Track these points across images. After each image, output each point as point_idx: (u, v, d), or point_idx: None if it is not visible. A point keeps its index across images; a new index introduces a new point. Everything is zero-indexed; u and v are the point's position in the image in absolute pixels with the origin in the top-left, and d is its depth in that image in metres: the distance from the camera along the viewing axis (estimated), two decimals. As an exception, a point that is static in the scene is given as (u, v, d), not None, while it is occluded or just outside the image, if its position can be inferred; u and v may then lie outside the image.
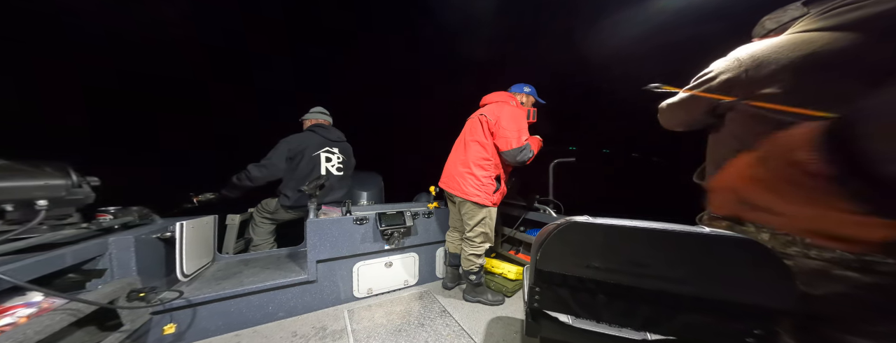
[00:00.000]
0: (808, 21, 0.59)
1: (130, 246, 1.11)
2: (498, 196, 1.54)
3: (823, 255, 0.53)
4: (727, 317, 0.52)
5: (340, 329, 1.36)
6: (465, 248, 1.58)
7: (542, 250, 0.59)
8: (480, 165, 1.49)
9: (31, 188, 0.86)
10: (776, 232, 0.58)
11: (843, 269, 0.51)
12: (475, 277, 1.58)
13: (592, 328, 0.63)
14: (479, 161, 1.51)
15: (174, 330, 1.20)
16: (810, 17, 0.59)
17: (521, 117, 1.48)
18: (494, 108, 1.50)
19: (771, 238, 0.59)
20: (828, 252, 0.52)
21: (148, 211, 1.35)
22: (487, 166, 1.50)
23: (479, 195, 1.48)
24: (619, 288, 0.56)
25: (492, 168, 1.51)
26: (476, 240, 1.54)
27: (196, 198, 1.84)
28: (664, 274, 0.53)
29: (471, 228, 1.53)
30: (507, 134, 1.42)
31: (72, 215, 1.03)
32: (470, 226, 1.53)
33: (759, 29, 0.72)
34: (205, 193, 1.86)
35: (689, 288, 0.52)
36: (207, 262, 1.60)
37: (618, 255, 0.56)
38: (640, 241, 0.55)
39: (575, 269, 0.58)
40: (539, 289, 0.63)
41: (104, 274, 1.07)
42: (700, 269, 0.52)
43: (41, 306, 0.80)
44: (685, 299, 0.53)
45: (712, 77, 0.66)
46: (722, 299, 0.51)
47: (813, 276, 0.55)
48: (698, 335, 0.54)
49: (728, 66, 0.63)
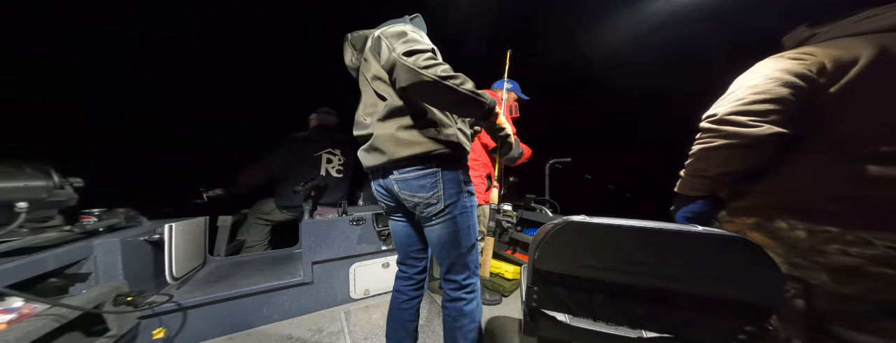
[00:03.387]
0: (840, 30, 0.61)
1: (116, 249, 1.08)
2: (490, 194, 1.54)
3: (865, 253, 0.54)
4: (720, 314, 0.52)
5: (337, 331, 1.35)
6: None
7: (540, 250, 0.59)
8: (470, 166, 1.51)
9: (10, 190, 0.82)
10: (815, 229, 0.59)
11: (881, 266, 0.53)
12: None
13: (589, 327, 0.63)
14: (469, 161, 1.51)
15: (164, 335, 1.17)
16: (840, 27, 0.61)
17: (503, 113, 1.50)
18: None
19: (808, 236, 0.60)
20: (871, 249, 0.53)
21: (135, 213, 1.31)
22: (476, 166, 1.51)
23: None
24: (616, 287, 0.56)
25: (480, 167, 1.52)
26: None
27: (206, 193, 1.82)
28: (660, 272, 0.54)
29: None
30: None
31: (54, 217, 0.99)
32: None
33: (783, 48, 0.73)
34: (214, 188, 1.86)
35: (684, 286, 0.53)
36: (198, 265, 1.56)
37: (614, 254, 0.56)
38: (636, 240, 0.55)
39: (572, 268, 0.58)
40: (537, 288, 0.63)
41: (88, 278, 1.03)
42: (694, 267, 0.53)
43: (21, 312, 0.77)
44: (680, 297, 0.54)
45: (778, 98, 0.59)
46: (715, 297, 0.52)
47: (845, 273, 0.56)
48: (693, 332, 0.55)
49: (794, 77, 0.58)
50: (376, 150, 0.79)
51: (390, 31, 0.75)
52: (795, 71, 0.59)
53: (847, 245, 0.56)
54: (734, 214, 0.73)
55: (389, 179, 0.81)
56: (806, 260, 0.60)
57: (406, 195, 0.79)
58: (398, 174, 0.78)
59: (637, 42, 2.92)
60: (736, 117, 0.62)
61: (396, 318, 0.99)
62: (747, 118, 0.61)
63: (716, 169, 0.69)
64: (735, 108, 0.63)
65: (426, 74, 0.65)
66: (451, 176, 0.78)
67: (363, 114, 0.87)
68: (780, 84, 0.59)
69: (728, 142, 0.64)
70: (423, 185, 0.76)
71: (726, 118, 0.64)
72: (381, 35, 0.75)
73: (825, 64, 0.57)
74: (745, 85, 0.64)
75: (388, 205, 0.91)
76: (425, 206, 0.78)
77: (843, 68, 0.56)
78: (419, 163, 0.76)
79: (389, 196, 0.87)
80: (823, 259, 0.58)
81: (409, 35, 0.73)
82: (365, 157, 0.86)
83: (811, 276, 0.60)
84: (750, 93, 0.62)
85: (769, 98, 0.60)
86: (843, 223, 0.57)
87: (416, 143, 0.74)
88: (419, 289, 1.00)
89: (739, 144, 0.62)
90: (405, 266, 0.99)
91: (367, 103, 0.85)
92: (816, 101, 0.58)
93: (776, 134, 0.59)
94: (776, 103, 0.59)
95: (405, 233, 0.94)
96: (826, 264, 0.58)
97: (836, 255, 0.56)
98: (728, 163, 0.67)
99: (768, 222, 0.66)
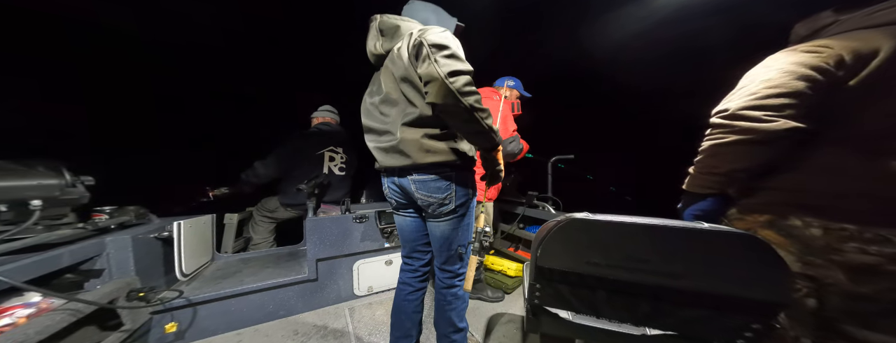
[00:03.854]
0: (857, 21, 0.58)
1: (128, 246, 1.11)
2: (492, 191, 1.56)
3: (884, 251, 0.53)
4: (726, 311, 0.52)
5: (342, 327, 1.37)
6: None
7: (543, 247, 0.59)
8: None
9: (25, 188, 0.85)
10: (831, 227, 0.58)
11: None
12: (475, 273, 1.59)
13: (592, 324, 0.63)
14: None
15: (176, 329, 1.20)
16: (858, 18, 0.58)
17: (505, 110, 1.51)
18: None
19: (824, 234, 0.59)
20: (891, 247, 0.52)
21: (145, 210, 1.34)
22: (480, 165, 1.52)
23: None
24: (619, 284, 0.56)
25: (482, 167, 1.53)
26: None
27: (212, 192, 1.86)
28: (664, 269, 0.54)
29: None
30: None
31: (67, 215, 1.02)
32: None
33: (793, 36, 0.71)
34: (219, 187, 1.89)
35: (689, 283, 0.52)
36: (206, 262, 1.60)
37: (618, 251, 0.56)
38: (639, 237, 0.55)
39: (575, 265, 0.58)
40: (539, 285, 0.63)
41: (102, 274, 1.06)
42: (699, 264, 0.52)
43: (40, 307, 0.80)
44: (684, 294, 0.53)
45: (792, 92, 0.56)
46: (721, 294, 0.51)
47: (862, 272, 0.55)
48: (697, 330, 0.55)
49: (809, 70, 0.56)
50: (400, 153, 0.83)
51: (433, 38, 0.73)
52: (812, 64, 0.56)
53: (865, 243, 0.54)
54: (745, 212, 0.72)
55: (407, 179, 0.87)
56: (821, 258, 0.59)
57: (423, 195, 0.86)
58: (418, 176, 0.84)
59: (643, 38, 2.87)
60: (749, 112, 0.60)
61: (402, 309, 1.02)
62: (761, 113, 0.59)
63: (728, 165, 0.67)
64: (748, 103, 0.61)
65: (464, 101, 0.69)
66: (462, 181, 0.87)
67: (380, 107, 0.88)
68: (796, 77, 0.57)
69: (741, 137, 0.61)
70: (439, 188, 0.84)
71: (739, 113, 0.61)
72: (423, 41, 0.73)
73: (844, 56, 0.55)
74: (757, 79, 0.62)
75: (398, 201, 0.96)
76: (438, 206, 0.86)
77: (863, 61, 0.54)
78: (438, 168, 0.83)
79: (402, 193, 0.92)
80: (840, 257, 0.57)
81: (452, 49, 0.73)
82: (384, 158, 0.89)
83: (826, 275, 0.59)
84: (763, 87, 0.60)
85: (784, 92, 0.57)
86: (862, 220, 0.56)
87: (438, 152, 0.81)
88: (424, 280, 1.05)
89: (754, 140, 0.60)
90: (411, 259, 1.04)
91: (389, 99, 0.85)
92: (834, 95, 0.56)
93: (792, 129, 0.57)
94: (792, 97, 0.57)
95: (413, 227, 0.99)
96: (842, 263, 0.57)
97: (854, 253, 0.55)
98: (741, 159, 0.64)
99: (781, 220, 0.64)
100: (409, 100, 0.82)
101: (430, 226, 0.93)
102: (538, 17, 3.08)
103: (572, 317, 0.66)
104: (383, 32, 0.88)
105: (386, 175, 0.95)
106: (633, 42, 2.94)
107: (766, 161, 0.64)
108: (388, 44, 0.87)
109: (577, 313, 0.65)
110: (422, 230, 0.99)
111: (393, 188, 0.94)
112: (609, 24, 2.95)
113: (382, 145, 0.88)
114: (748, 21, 2.11)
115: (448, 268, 0.94)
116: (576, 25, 3.05)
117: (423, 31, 0.77)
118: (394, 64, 0.83)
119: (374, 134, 0.91)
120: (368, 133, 0.95)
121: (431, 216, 0.90)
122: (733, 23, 2.26)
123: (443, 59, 0.70)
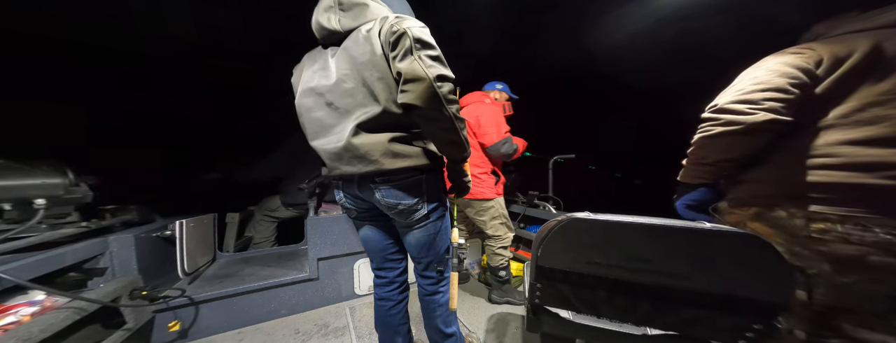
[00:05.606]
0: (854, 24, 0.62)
1: (131, 244, 1.11)
2: (500, 186, 1.60)
3: (865, 239, 0.54)
4: (727, 312, 0.52)
5: (343, 326, 1.37)
6: (490, 244, 1.59)
7: (543, 247, 0.59)
8: (475, 164, 1.53)
9: (28, 187, 0.85)
10: (813, 216, 0.60)
11: (884, 254, 0.53)
12: (505, 273, 1.57)
13: (593, 323, 0.63)
14: (472, 160, 1.53)
15: (179, 327, 1.21)
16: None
17: (497, 112, 1.55)
18: (472, 108, 1.56)
19: (807, 223, 0.61)
20: (870, 235, 0.54)
21: (147, 209, 1.35)
22: (480, 163, 1.55)
23: (483, 191, 1.52)
24: (620, 283, 0.56)
25: (483, 164, 1.56)
26: (499, 232, 1.56)
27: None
28: (665, 269, 0.54)
29: (489, 224, 1.55)
30: (488, 130, 1.48)
31: (70, 214, 1.03)
32: (486, 222, 1.55)
33: (810, 35, 0.72)
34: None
35: (690, 283, 0.52)
36: (208, 261, 1.60)
37: (619, 251, 0.56)
38: (640, 237, 0.55)
39: (576, 265, 0.58)
40: (540, 285, 0.63)
41: (105, 272, 1.07)
42: (701, 264, 0.52)
43: (44, 305, 0.80)
44: (685, 294, 0.53)
45: (780, 87, 0.60)
46: (722, 294, 0.51)
47: (846, 262, 0.56)
48: (698, 330, 0.55)
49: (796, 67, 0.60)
50: (359, 158, 0.72)
51: (418, 33, 0.65)
52: (795, 63, 0.61)
53: (845, 231, 0.56)
54: (735, 205, 0.74)
55: (369, 187, 0.77)
56: (807, 249, 0.61)
57: (390, 202, 0.77)
58: (383, 182, 0.75)
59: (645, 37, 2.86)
60: (734, 105, 0.65)
61: (387, 324, 0.95)
62: (745, 106, 0.64)
63: (715, 156, 0.72)
64: (735, 98, 0.66)
65: (448, 109, 0.66)
66: (433, 184, 0.80)
67: (326, 95, 0.75)
68: (779, 75, 0.62)
69: (726, 129, 0.66)
70: (409, 193, 0.77)
71: (725, 107, 0.67)
72: (407, 32, 0.64)
73: (823, 58, 0.60)
74: (747, 77, 0.68)
75: (359, 209, 0.87)
76: (410, 212, 0.78)
77: (839, 62, 0.58)
78: (407, 172, 0.75)
79: (362, 201, 0.83)
80: (824, 248, 0.58)
81: (437, 50, 0.67)
82: (337, 163, 0.76)
83: (812, 266, 0.60)
84: (751, 84, 0.65)
85: (768, 88, 0.62)
86: (840, 207, 0.58)
87: (409, 156, 0.73)
88: (404, 291, 0.98)
89: (737, 131, 0.65)
90: (383, 270, 0.95)
91: (341, 87, 0.72)
92: (814, 92, 0.61)
93: (771, 120, 0.61)
94: (773, 92, 0.62)
95: (380, 236, 0.91)
96: (827, 253, 0.58)
97: (836, 242, 0.57)
98: (728, 149, 0.69)
99: (768, 211, 0.66)
100: (371, 92, 0.69)
101: (404, 235, 0.85)
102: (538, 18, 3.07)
103: (573, 316, 0.66)
104: (343, 6, 0.73)
105: (342, 185, 0.84)
106: (633, 42, 2.93)
107: (751, 151, 0.68)
108: (349, 22, 0.73)
109: (577, 313, 0.65)
110: (390, 238, 0.91)
111: (349, 197, 0.84)
112: (609, 24, 2.93)
113: (334, 148, 0.74)
114: (747, 21, 2.10)
115: (429, 274, 0.88)
116: (576, 26, 3.04)
117: (402, 20, 0.67)
118: (357, 46, 0.70)
119: (321, 130, 0.78)
120: (311, 127, 0.80)
121: (403, 224, 0.82)
122: (731, 22, 2.25)
123: (429, 60, 0.64)
